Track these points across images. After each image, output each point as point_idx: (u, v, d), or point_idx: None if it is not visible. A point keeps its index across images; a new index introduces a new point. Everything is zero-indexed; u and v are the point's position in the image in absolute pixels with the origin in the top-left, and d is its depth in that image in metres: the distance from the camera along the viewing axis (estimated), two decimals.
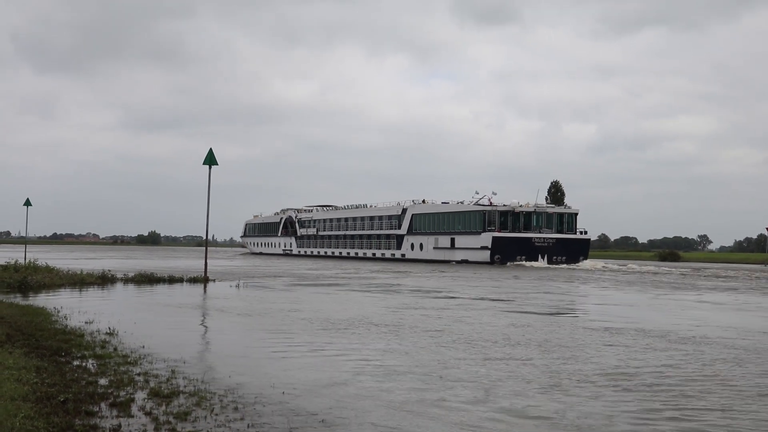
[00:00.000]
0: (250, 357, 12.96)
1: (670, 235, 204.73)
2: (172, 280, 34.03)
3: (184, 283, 33.32)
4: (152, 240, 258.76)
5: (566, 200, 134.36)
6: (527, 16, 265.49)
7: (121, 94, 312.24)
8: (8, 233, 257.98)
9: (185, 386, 9.84)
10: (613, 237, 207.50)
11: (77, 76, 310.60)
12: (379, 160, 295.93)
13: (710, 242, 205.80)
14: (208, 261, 36.28)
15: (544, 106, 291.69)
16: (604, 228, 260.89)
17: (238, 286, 32.05)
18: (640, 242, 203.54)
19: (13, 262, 34.11)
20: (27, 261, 35.37)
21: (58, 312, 18.43)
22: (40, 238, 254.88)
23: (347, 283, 36.30)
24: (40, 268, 32.63)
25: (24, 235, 56.77)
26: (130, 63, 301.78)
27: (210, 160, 32.71)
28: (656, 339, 16.07)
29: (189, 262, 66.46)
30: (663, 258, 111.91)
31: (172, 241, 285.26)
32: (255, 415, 8.63)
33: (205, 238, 36.74)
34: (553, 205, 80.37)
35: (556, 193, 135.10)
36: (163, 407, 8.58)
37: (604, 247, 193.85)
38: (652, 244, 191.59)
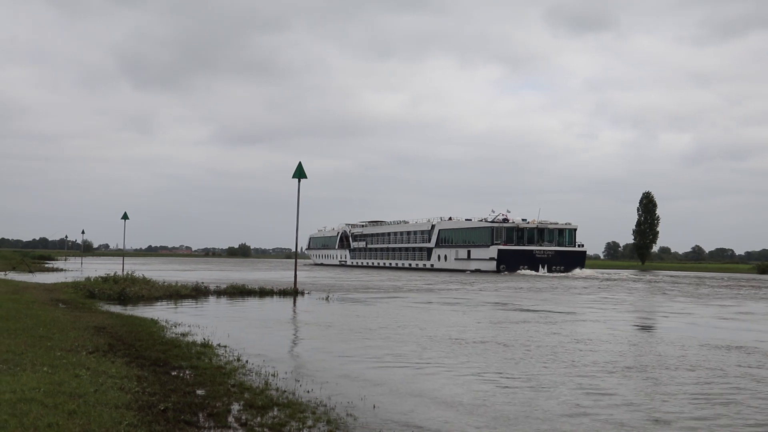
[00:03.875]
0: (341, 370, 13.13)
1: None
2: (262, 292, 34.68)
3: (275, 295, 33.90)
4: (242, 252, 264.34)
5: (658, 211, 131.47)
6: (623, 22, 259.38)
7: (215, 108, 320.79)
8: (107, 246, 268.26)
9: (278, 398, 10.05)
10: (707, 249, 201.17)
11: (174, 91, 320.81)
12: (468, 172, 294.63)
13: None
14: (289, 272, 36.90)
15: (637, 116, 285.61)
16: (698, 240, 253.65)
17: (327, 298, 32.41)
18: (736, 254, 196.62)
19: (112, 274, 35.43)
20: (125, 273, 36.70)
21: (156, 323, 19.05)
22: (136, 250, 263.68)
23: (420, 295, 36.27)
24: (137, 280, 33.81)
25: (122, 247, 58.84)
26: (224, 77, 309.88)
27: (299, 173, 33.25)
28: None
29: (276, 274, 67.64)
30: (762, 270, 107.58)
31: (262, 253, 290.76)
32: (345, 427, 8.77)
33: (294, 250, 37.38)
34: (556, 222, 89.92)
35: (647, 204, 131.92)
36: (258, 418, 8.80)
37: (698, 259, 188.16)
38: (750, 256, 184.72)
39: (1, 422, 6.81)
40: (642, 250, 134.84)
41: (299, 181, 33.38)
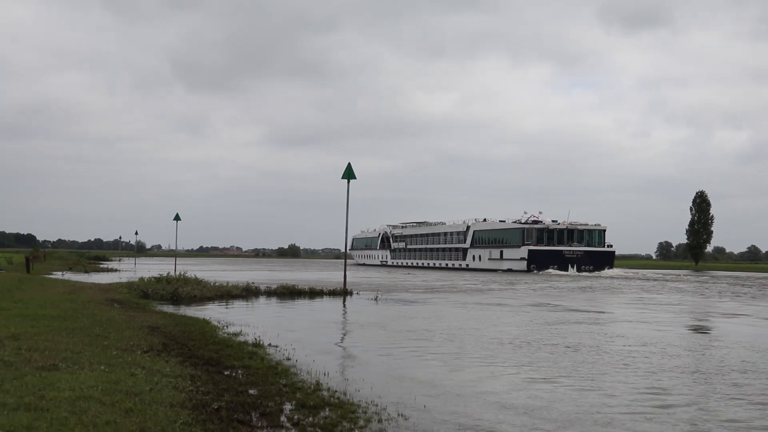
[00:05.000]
0: (392, 371, 13.15)
1: None
2: (312, 292, 34.89)
3: (324, 296, 34.08)
4: (292, 252, 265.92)
5: (712, 211, 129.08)
6: (678, 18, 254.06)
7: (267, 110, 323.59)
8: (159, 246, 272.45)
9: (329, 398, 10.10)
10: (764, 249, 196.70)
11: (226, 94, 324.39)
12: (519, 172, 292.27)
13: None
14: (336, 273, 37.05)
15: (692, 114, 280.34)
16: (754, 239, 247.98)
17: (376, 299, 32.47)
18: None
19: (165, 274, 35.99)
20: (177, 273, 37.24)
21: (208, 323, 19.28)
22: (187, 251, 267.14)
23: (466, 296, 36.10)
24: (189, 280, 34.26)
25: (174, 248, 59.71)
26: (276, 79, 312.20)
27: (348, 174, 33.37)
28: None
29: (325, 274, 67.96)
30: None
31: (311, 254, 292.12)
32: (397, 427, 8.78)
33: (344, 251, 37.52)
34: (586, 223, 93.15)
35: (701, 203, 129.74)
36: (310, 418, 8.84)
37: (754, 259, 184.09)
38: None
39: (62, 419, 6.97)
40: (695, 250, 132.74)
41: (348, 181, 33.51)
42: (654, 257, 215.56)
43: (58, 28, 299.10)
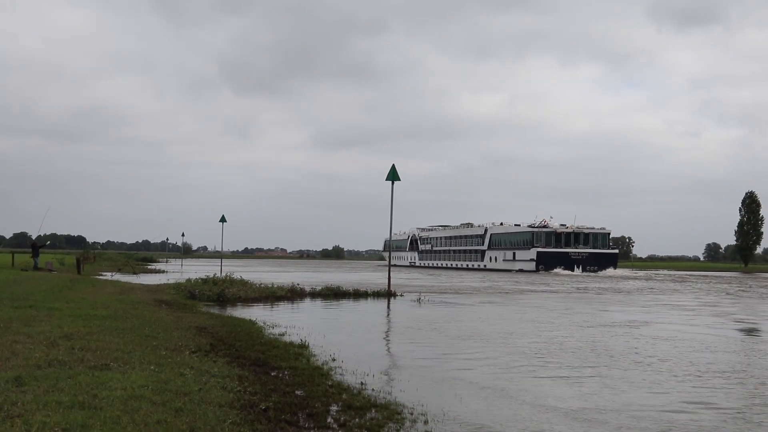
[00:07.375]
0: (437, 372, 13.15)
1: None
2: (356, 294, 35.00)
3: (369, 297, 34.17)
4: (336, 254, 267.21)
5: (762, 212, 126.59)
6: (733, 16, 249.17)
7: (313, 112, 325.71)
8: (205, 248, 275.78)
9: (375, 399, 10.14)
10: None
11: (273, 96, 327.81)
12: (567, 173, 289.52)
13: None
14: (375, 274, 37.06)
15: (745, 113, 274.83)
16: None
17: (419, 300, 32.47)
18: None
19: (211, 275, 36.41)
20: (223, 274, 37.66)
21: (254, 324, 19.46)
22: (233, 252, 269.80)
23: (508, 299, 35.89)
24: (235, 281, 34.60)
25: (220, 249, 60.44)
26: (322, 81, 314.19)
27: (392, 176, 33.40)
28: None
29: (363, 275, 68.02)
30: None
31: (355, 255, 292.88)
32: (443, 429, 8.79)
33: (388, 253, 37.52)
34: (592, 227, 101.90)
35: (751, 204, 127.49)
36: (357, 419, 8.89)
37: None
38: None
39: (115, 418, 7.11)
40: (744, 252, 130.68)
41: (393, 183, 33.54)
42: (702, 259, 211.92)
43: (109, 33, 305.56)
